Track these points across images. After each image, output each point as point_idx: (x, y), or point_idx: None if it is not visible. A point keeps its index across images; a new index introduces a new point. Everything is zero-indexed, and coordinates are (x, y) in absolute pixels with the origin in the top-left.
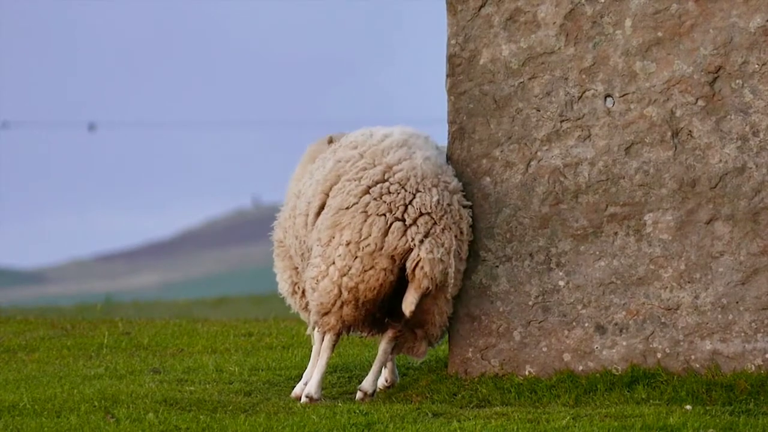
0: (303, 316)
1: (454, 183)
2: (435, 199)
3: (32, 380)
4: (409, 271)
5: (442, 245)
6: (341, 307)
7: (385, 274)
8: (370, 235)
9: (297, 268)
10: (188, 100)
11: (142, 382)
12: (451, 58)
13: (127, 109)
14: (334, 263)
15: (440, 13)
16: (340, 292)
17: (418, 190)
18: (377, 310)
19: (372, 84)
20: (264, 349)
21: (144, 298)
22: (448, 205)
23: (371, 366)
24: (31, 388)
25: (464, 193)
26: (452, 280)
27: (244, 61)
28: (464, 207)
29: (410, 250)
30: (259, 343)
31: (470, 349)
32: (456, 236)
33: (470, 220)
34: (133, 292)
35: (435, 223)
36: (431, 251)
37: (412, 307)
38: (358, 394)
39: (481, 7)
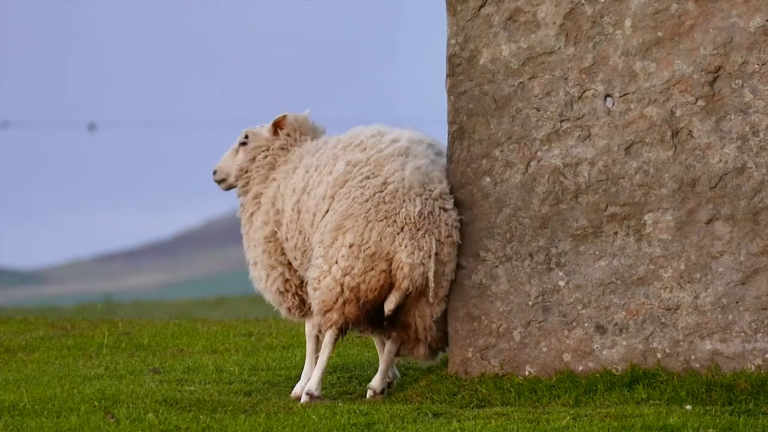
0: (287, 314)
1: (438, 189)
2: (417, 209)
3: (32, 380)
4: (393, 272)
5: (422, 249)
6: (343, 304)
7: (385, 276)
8: (370, 239)
9: (290, 264)
10: (188, 100)
11: (142, 382)
12: (451, 58)
13: (127, 109)
14: (337, 263)
15: (440, 13)
16: (342, 290)
17: (404, 201)
18: (377, 312)
19: (372, 84)
20: (264, 349)
21: (144, 298)
22: (429, 213)
23: (372, 366)
24: (31, 388)
25: (450, 196)
26: (432, 284)
27: (244, 61)
28: (446, 210)
29: (396, 253)
30: (259, 343)
31: (470, 349)
32: (437, 239)
33: (455, 221)
34: (133, 292)
35: (418, 230)
36: (411, 254)
37: (392, 306)
38: (369, 393)
39: (481, 7)
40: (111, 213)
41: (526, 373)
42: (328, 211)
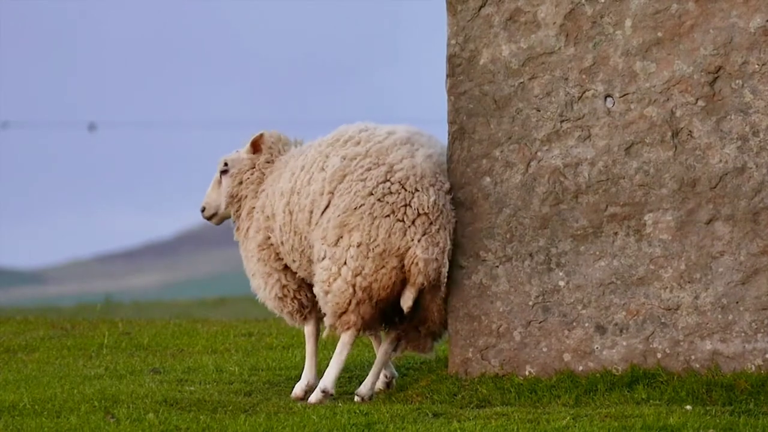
0: (290, 320)
1: (447, 184)
2: (432, 199)
3: (32, 380)
4: (406, 268)
5: (437, 244)
6: (357, 305)
7: (396, 273)
8: (378, 237)
9: (286, 269)
10: (188, 100)
11: (142, 382)
12: (451, 58)
13: (127, 109)
14: (345, 264)
15: (440, 14)
16: (355, 291)
17: (416, 189)
18: (392, 308)
19: (372, 84)
20: (264, 349)
21: (144, 298)
22: (443, 205)
23: (371, 367)
24: (31, 388)
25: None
26: (445, 279)
27: (244, 61)
28: (452, 209)
29: (409, 248)
30: (259, 343)
31: (470, 349)
32: (449, 236)
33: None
34: (133, 292)
35: (431, 223)
36: (427, 249)
37: (410, 303)
38: (356, 398)
39: (481, 7)
40: (111, 213)
41: (527, 373)
42: (328, 207)
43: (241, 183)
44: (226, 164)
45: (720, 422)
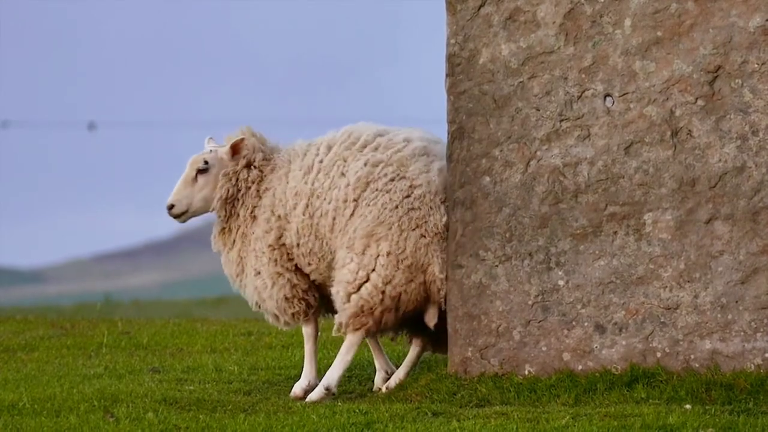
0: (291, 320)
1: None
2: (444, 219)
3: (32, 380)
4: (427, 285)
5: (445, 260)
6: (382, 313)
7: (424, 288)
8: (406, 249)
9: (297, 269)
10: (188, 100)
11: (142, 381)
12: (450, 57)
13: (127, 109)
14: (374, 270)
15: (440, 13)
16: (383, 298)
17: (431, 208)
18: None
19: (372, 84)
20: (263, 349)
21: (144, 298)
22: (445, 223)
23: (372, 366)
24: (31, 388)
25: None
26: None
27: (245, 62)
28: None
29: (430, 265)
30: (259, 342)
31: (470, 349)
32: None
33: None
34: (133, 291)
35: (442, 239)
36: (442, 270)
37: (435, 320)
38: (395, 381)
39: (481, 6)
40: (111, 213)
41: (526, 372)
42: (353, 215)
43: (237, 182)
44: (206, 162)
45: (719, 421)
